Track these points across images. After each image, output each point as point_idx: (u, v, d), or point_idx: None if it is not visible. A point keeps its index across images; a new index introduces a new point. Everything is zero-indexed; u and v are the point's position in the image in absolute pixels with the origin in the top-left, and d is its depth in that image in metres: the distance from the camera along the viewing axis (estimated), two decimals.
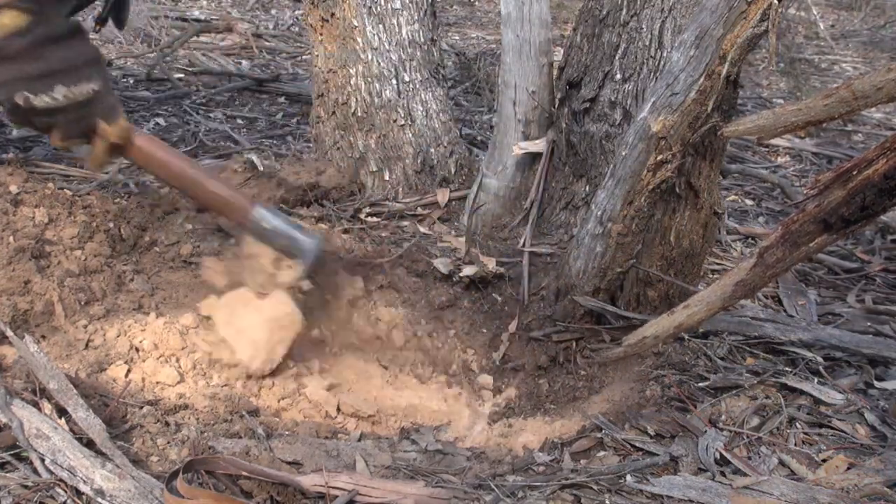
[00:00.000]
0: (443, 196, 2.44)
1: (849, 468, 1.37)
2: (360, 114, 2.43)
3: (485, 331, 2.05)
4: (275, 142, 3.10)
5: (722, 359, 1.73)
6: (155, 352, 1.61)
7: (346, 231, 2.22)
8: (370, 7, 2.34)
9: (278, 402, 1.65)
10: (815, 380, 1.66)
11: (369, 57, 2.38)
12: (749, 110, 4.08)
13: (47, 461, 1.17)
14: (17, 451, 1.20)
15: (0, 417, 1.22)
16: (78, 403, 1.27)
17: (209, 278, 1.83)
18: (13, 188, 1.78)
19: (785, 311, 2.12)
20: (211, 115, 3.36)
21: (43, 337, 1.57)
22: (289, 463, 1.31)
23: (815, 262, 2.47)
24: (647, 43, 1.88)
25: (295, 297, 1.77)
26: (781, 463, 1.40)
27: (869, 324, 2.04)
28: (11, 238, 1.67)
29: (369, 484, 1.24)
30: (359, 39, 2.36)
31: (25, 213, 1.74)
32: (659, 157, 1.62)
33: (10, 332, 1.42)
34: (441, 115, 2.49)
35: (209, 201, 1.86)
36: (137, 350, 1.61)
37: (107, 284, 1.75)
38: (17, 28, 1.53)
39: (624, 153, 1.67)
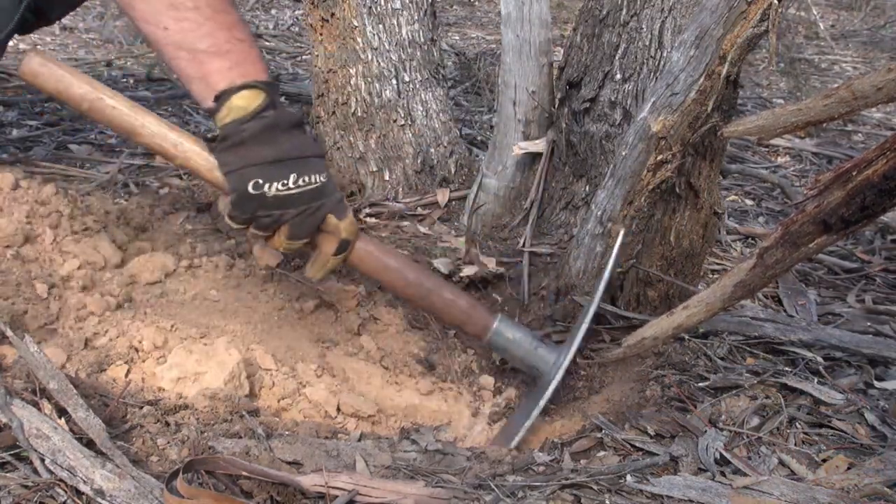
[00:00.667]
0: (443, 196, 2.44)
1: (849, 468, 1.37)
2: (360, 114, 2.43)
3: None
4: None
5: (722, 359, 1.73)
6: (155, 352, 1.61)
7: None
8: (370, 7, 2.34)
9: (278, 402, 1.65)
10: (815, 380, 1.66)
11: (369, 57, 2.38)
12: (749, 110, 4.08)
13: (47, 461, 1.17)
14: (16, 451, 1.20)
15: (0, 417, 1.22)
16: (78, 404, 1.27)
17: None
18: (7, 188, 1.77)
19: (785, 311, 2.12)
20: None
21: (43, 339, 1.57)
22: (289, 463, 1.31)
23: (815, 262, 2.47)
24: (647, 43, 1.88)
25: None
26: (781, 463, 1.40)
27: (869, 324, 2.04)
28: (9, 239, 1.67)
29: (369, 484, 1.24)
30: (359, 39, 2.37)
31: (21, 213, 1.74)
32: (659, 157, 1.62)
33: (9, 332, 1.42)
34: (441, 115, 2.49)
35: (445, 313, 1.66)
36: (137, 350, 1.61)
37: (107, 284, 1.75)
38: (254, 109, 1.42)
39: (624, 153, 1.67)
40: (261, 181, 1.43)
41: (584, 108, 2.01)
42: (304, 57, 4.51)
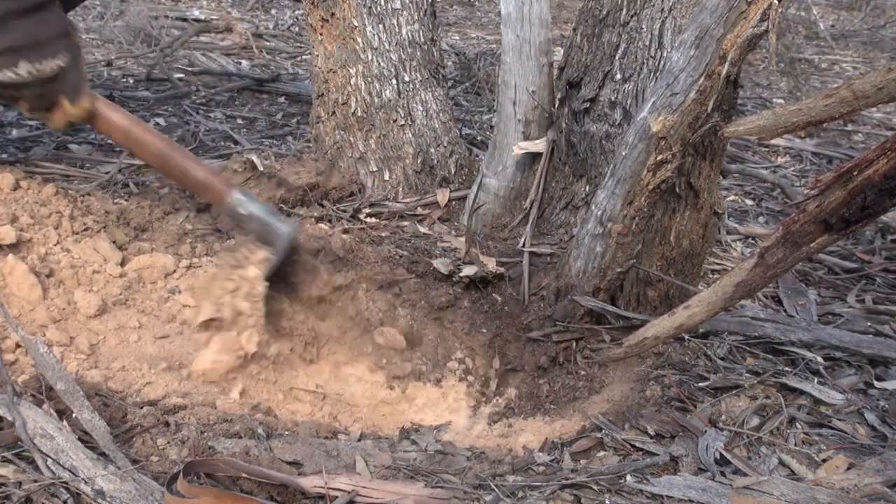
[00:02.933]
0: (443, 196, 2.44)
1: (849, 468, 1.37)
2: (360, 114, 2.43)
3: (485, 331, 2.05)
4: (275, 142, 3.10)
5: (722, 359, 1.73)
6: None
7: (346, 231, 2.22)
8: (370, 7, 2.34)
9: (279, 400, 1.65)
10: (815, 380, 1.66)
11: (369, 57, 2.38)
12: (749, 110, 4.08)
13: (49, 461, 1.17)
14: (18, 450, 1.20)
15: (6, 416, 1.23)
16: (84, 405, 1.27)
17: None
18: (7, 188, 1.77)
19: (785, 311, 2.12)
20: (211, 115, 3.36)
21: (48, 339, 1.57)
22: (289, 463, 1.31)
23: (815, 262, 2.47)
24: (647, 43, 1.88)
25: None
26: (781, 463, 1.40)
27: (869, 324, 2.04)
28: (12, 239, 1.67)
29: (369, 485, 1.24)
30: (359, 39, 2.36)
31: (24, 214, 1.74)
32: (659, 157, 1.62)
33: (21, 333, 1.42)
34: (441, 115, 2.49)
35: (186, 182, 1.84)
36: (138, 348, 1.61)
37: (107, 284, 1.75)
38: None
39: (624, 153, 1.67)
40: None
41: (584, 108, 2.01)
42: (304, 57, 4.51)
